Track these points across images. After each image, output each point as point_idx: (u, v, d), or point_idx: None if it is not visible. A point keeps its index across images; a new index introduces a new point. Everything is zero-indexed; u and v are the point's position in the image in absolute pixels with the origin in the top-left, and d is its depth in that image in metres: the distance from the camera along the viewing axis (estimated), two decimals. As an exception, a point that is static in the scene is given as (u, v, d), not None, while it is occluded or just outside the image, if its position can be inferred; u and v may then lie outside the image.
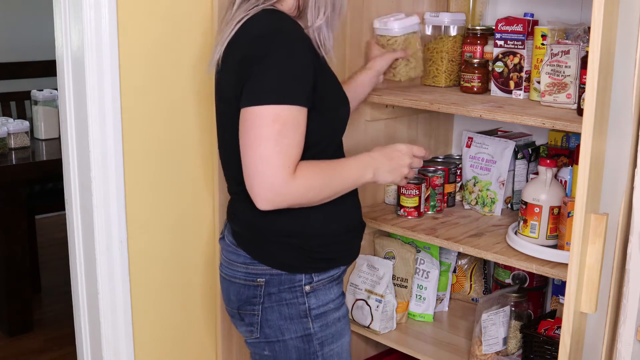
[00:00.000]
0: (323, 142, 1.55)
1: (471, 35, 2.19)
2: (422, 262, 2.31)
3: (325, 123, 1.54)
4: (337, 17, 1.58)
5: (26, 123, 3.28)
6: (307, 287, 1.57)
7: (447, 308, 2.40)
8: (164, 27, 1.87)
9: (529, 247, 1.83)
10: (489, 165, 2.19)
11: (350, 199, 1.63)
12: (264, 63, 1.41)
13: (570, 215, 1.72)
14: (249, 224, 1.57)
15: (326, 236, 1.59)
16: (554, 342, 1.93)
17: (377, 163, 1.59)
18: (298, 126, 1.42)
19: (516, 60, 2.02)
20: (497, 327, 2.06)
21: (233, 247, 1.61)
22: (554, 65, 1.84)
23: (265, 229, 1.55)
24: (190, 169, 1.99)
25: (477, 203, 2.22)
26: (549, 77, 1.85)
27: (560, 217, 1.81)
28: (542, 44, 1.94)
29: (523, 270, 2.03)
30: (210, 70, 1.58)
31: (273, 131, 1.39)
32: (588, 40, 1.49)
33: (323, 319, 1.60)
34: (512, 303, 2.10)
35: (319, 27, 1.52)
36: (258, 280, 1.56)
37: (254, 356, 1.66)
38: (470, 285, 2.43)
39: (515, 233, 1.90)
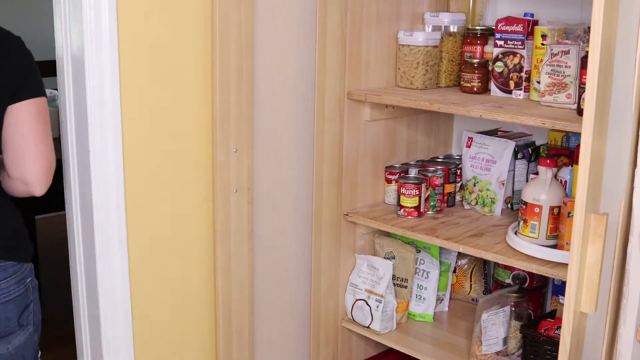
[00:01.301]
0: None
1: (471, 35, 2.19)
2: (422, 262, 2.31)
3: None
4: None
5: None
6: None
7: (447, 308, 2.40)
8: (164, 27, 1.87)
9: (529, 247, 1.83)
10: (489, 165, 2.19)
11: None
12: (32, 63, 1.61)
13: (570, 215, 1.72)
14: (14, 227, 1.66)
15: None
16: (554, 342, 1.93)
17: None
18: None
19: (516, 60, 2.02)
20: (497, 327, 2.06)
21: None
22: (554, 65, 1.84)
23: (21, 225, 1.68)
24: (189, 169, 1.99)
25: (477, 203, 2.22)
26: (549, 77, 1.85)
27: (560, 217, 1.81)
28: (542, 44, 1.94)
29: (523, 270, 2.03)
30: None
31: (46, 124, 1.60)
32: (588, 40, 1.49)
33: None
34: (512, 303, 2.09)
35: None
36: (27, 281, 1.67)
37: (29, 353, 1.72)
38: (470, 285, 2.43)
39: (515, 233, 1.90)
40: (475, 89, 2.09)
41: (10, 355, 1.65)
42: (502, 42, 2.04)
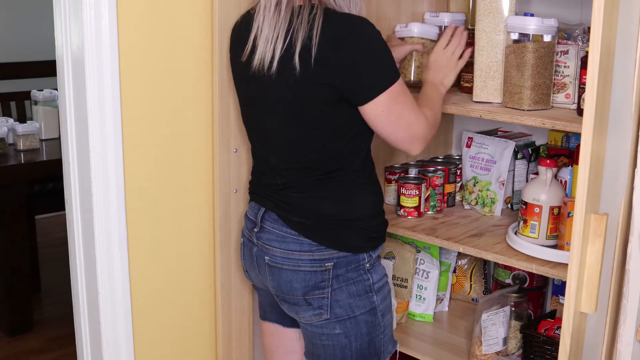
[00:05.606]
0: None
1: (471, 35, 2.18)
2: (422, 262, 2.31)
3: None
4: None
5: (35, 124, 3.26)
6: (368, 265, 1.74)
7: (447, 308, 2.40)
8: (164, 26, 1.87)
9: (529, 247, 1.83)
10: (489, 165, 2.19)
11: (377, 182, 1.82)
12: (368, 56, 1.60)
13: (570, 215, 1.72)
14: (315, 214, 1.70)
15: (378, 216, 1.79)
16: (554, 342, 1.93)
17: (439, 76, 1.86)
18: (406, 88, 1.68)
19: (516, 60, 2.01)
20: (497, 327, 2.06)
21: (292, 237, 1.71)
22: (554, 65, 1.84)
23: (331, 217, 1.70)
24: (190, 168, 1.99)
25: (477, 203, 2.22)
26: (549, 77, 1.85)
27: (560, 217, 1.81)
28: (542, 44, 1.94)
29: (523, 270, 2.03)
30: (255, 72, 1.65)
31: (403, 103, 1.64)
32: (588, 40, 1.49)
33: (382, 291, 1.76)
34: (512, 303, 2.09)
35: None
36: (326, 264, 1.70)
37: (318, 338, 1.75)
38: (470, 285, 2.43)
39: (515, 233, 1.90)
40: (475, 89, 2.08)
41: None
42: (502, 42, 2.03)
